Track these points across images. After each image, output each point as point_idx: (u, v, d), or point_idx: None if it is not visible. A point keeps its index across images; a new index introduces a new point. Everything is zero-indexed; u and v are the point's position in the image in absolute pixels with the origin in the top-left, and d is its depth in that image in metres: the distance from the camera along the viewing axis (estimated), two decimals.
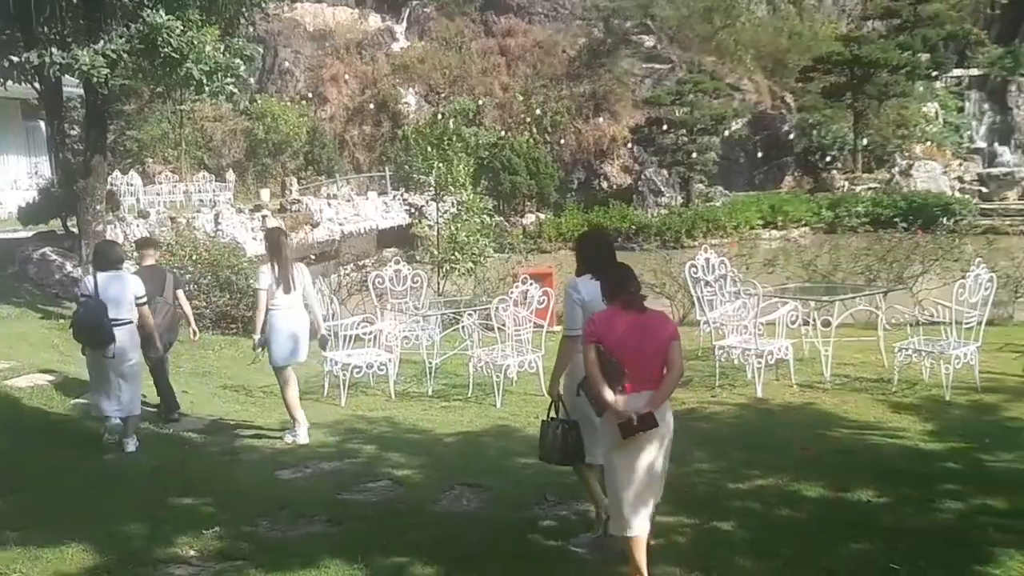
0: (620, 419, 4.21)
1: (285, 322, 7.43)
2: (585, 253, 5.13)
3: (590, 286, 4.88)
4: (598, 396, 4.29)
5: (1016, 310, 12.06)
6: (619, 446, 4.28)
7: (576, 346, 4.79)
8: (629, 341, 4.31)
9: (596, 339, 4.31)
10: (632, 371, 4.26)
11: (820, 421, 7.62)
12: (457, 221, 12.73)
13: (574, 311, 4.95)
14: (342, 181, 33.38)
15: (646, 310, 4.48)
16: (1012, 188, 34.54)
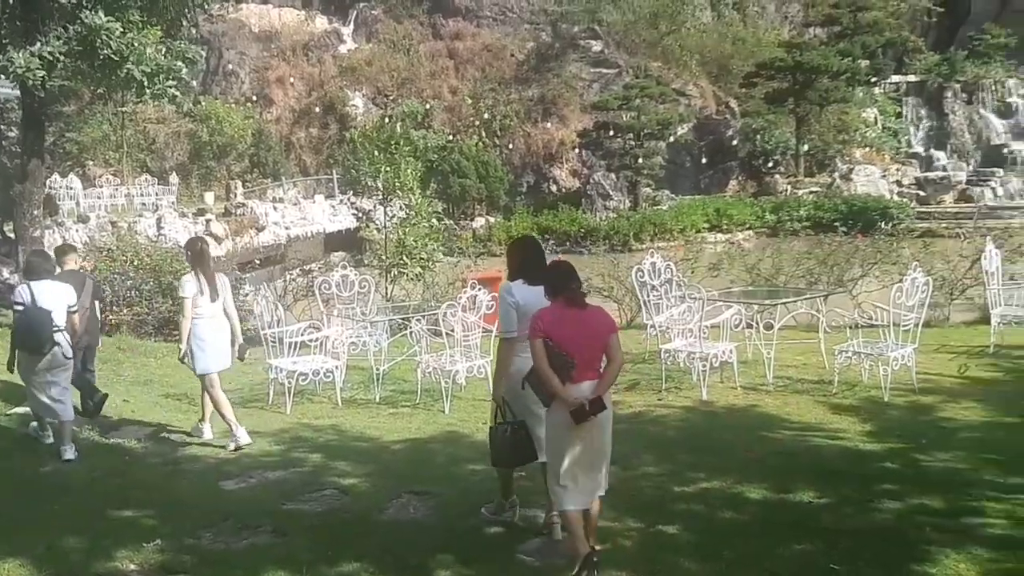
0: (572, 406, 4.54)
1: (210, 330, 7.58)
2: (517, 259, 5.34)
3: (524, 290, 5.14)
4: (548, 386, 4.61)
5: (952, 312, 12.38)
6: (568, 431, 4.61)
7: (514, 348, 5.11)
8: (574, 335, 4.64)
9: (544, 334, 4.61)
10: (578, 362, 4.61)
11: (763, 423, 7.74)
12: (405, 225, 12.68)
13: (509, 314, 5.17)
14: (288, 184, 33.03)
15: (587, 306, 4.82)
16: (948, 192, 35.53)
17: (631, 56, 38.76)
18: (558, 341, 4.60)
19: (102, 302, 9.80)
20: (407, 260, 12.41)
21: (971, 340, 10.71)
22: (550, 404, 4.68)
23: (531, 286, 5.11)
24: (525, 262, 5.29)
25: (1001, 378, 9.00)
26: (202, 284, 7.52)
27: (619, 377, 9.58)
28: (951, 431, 7.23)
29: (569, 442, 4.65)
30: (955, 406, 7.94)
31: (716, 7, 41.76)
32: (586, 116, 36.39)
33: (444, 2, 41.73)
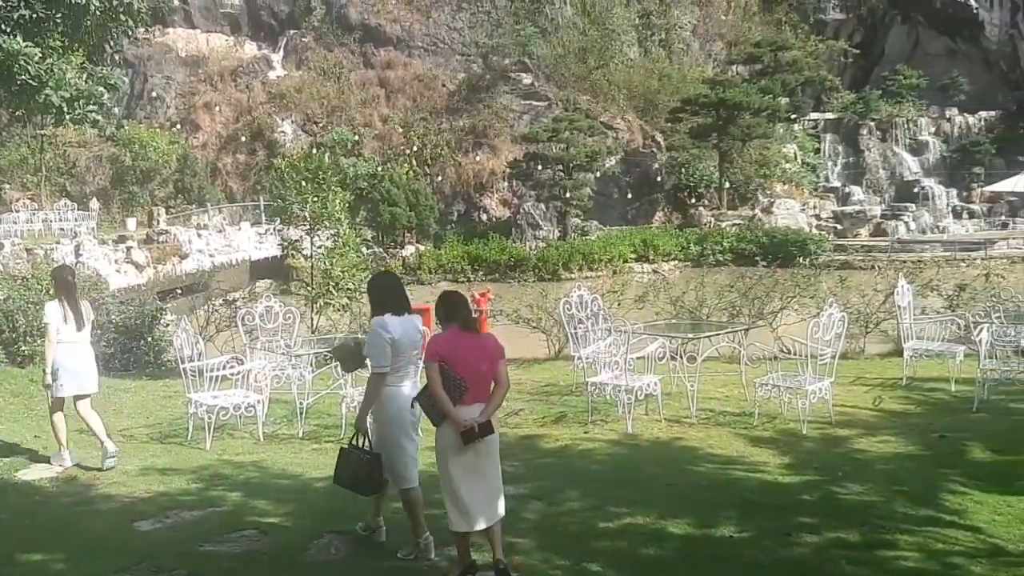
0: (462, 428, 4.84)
1: (72, 357, 7.90)
2: (382, 295, 5.56)
3: (397, 324, 5.40)
4: (441, 408, 4.88)
5: (867, 344, 12.79)
6: (458, 452, 4.90)
7: (384, 381, 5.38)
8: (468, 359, 4.95)
9: (439, 359, 4.91)
10: (470, 386, 4.91)
11: (686, 456, 7.85)
12: (332, 256, 12.55)
13: (384, 349, 5.36)
14: (214, 210, 32.44)
15: (479, 332, 5.20)
16: (864, 225, 36.82)
17: (560, 89, 39.32)
18: (452, 365, 4.88)
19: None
20: (334, 291, 12.28)
21: (885, 372, 11.08)
22: (440, 424, 4.93)
23: (400, 319, 5.41)
24: (389, 296, 5.52)
25: (913, 410, 9.32)
26: (67, 312, 7.83)
27: (547, 410, 9.74)
28: (865, 463, 7.44)
29: (458, 463, 4.93)
30: (870, 438, 8.18)
31: (643, 44, 42.72)
32: (516, 147, 36.71)
33: (375, 32, 41.77)
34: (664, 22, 43.50)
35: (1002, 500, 6.27)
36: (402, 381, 5.45)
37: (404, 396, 5.42)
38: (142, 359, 13.33)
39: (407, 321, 5.46)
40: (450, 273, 30.51)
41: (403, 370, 5.46)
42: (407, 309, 5.54)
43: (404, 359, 5.44)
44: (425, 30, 41.84)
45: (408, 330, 5.43)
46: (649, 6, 43.47)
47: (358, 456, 5.42)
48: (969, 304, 12.20)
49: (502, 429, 8.95)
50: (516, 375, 11.97)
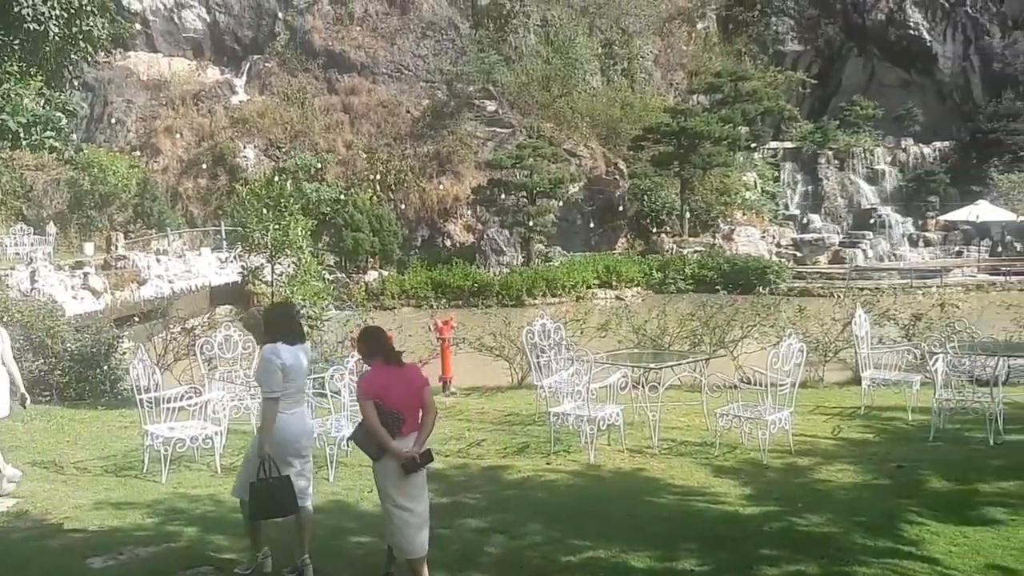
0: (404, 459, 5.05)
1: None
2: (277, 323, 5.80)
3: (288, 352, 5.62)
4: (382, 443, 5.06)
5: (826, 372, 12.94)
6: (400, 483, 5.11)
7: (276, 407, 5.56)
8: (400, 392, 5.16)
9: (374, 395, 5.10)
10: (406, 418, 5.12)
11: (648, 487, 7.86)
12: (294, 283, 12.45)
13: (276, 375, 5.56)
14: (174, 235, 32.06)
15: (403, 364, 5.36)
16: (823, 253, 37.41)
17: (524, 116, 39.58)
18: (386, 400, 5.07)
19: None
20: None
21: (844, 401, 11.21)
22: (379, 458, 5.13)
23: (292, 347, 5.65)
24: (284, 325, 5.75)
25: (871, 439, 9.43)
26: None
27: (509, 440, 9.70)
28: (825, 493, 7.50)
29: (401, 493, 5.14)
30: (829, 468, 8.25)
31: (606, 72, 43.20)
32: (480, 173, 36.82)
33: (339, 58, 41.79)
34: (626, 52, 44.06)
35: (958, 531, 6.35)
36: (293, 407, 5.70)
37: (293, 422, 5.67)
38: (98, 388, 13.09)
39: (299, 349, 5.74)
40: (413, 299, 30.40)
41: (294, 396, 5.70)
42: (300, 339, 5.84)
43: (294, 386, 5.69)
44: (389, 57, 41.95)
45: (299, 358, 5.71)
46: (611, 36, 44.03)
47: (268, 483, 5.54)
48: (924, 334, 12.40)
49: (465, 461, 8.95)
50: (479, 404, 11.95)
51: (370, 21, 43.03)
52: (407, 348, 13.30)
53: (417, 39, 42.57)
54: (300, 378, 5.75)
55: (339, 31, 42.67)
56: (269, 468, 5.52)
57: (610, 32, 44.06)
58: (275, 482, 5.51)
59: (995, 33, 44.00)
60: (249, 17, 43.53)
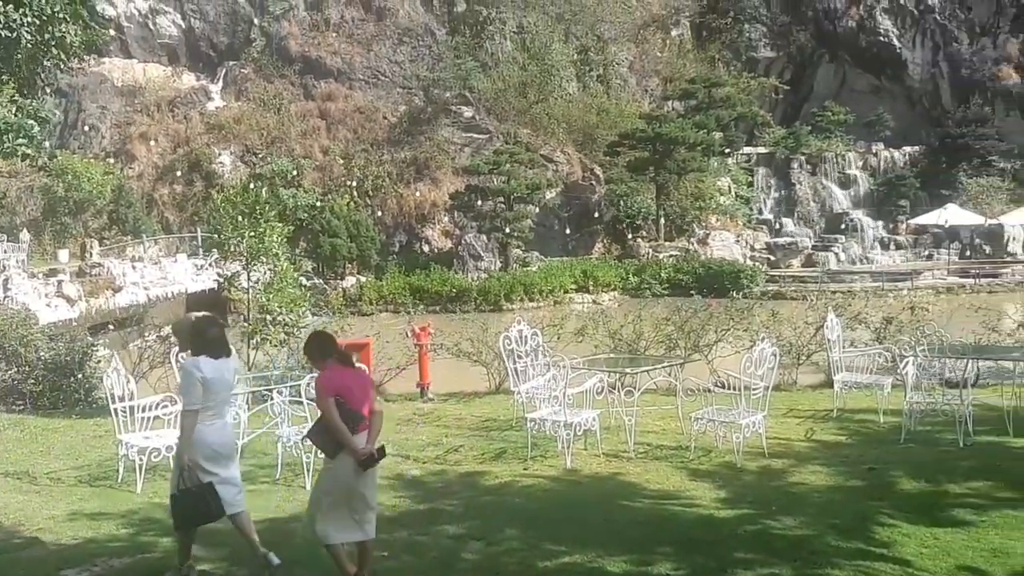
0: (363, 455, 5.29)
1: None
2: (201, 337, 5.90)
3: (210, 364, 5.74)
4: (342, 440, 5.25)
5: (799, 375, 13.08)
6: (355, 477, 5.32)
7: (195, 419, 5.69)
8: (357, 392, 5.40)
9: (335, 393, 5.28)
10: (363, 416, 5.35)
11: (625, 491, 7.91)
12: (270, 291, 12.42)
13: (196, 388, 5.68)
14: (149, 242, 31.82)
15: (353, 365, 5.69)
16: (796, 256, 37.76)
17: (501, 122, 39.69)
18: (348, 398, 5.29)
19: None
20: (271, 326, 12.14)
21: (817, 404, 11.34)
22: (336, 455, 5.31)
23: (216, 360, 5.75)
24: (209, 340, 5.85)
25: (844, 441, 9.54)
26: None
27: (487, 446, 9.74)
28: (798, 496, 7.59)
29: (354, 486, 5.35)
30: (802, 470, 8.35)
31: (582, 79, 43.40)
32: (458, 179, 36.88)
33: (316, 64, 41.70)
34: (602, 58, 44.28)
35: (929, 532, 6.45)
36: (213, 419, 5.79)
37: (209, 433, 5.76)
38: (72, 397, 12.97)
39: (223, 364, 5.84)
40: (391, 304, 30.36)
41: (214, 409, 5.80)
42: (225, 353, 5.91)
43: (217, 399, 5.79)
44: (366, 63, 41.92)
45: (222, 372, 5.81)
46: (587, 42, 44.24)
47: (190, 492, 5.69)
48: (895, 337, 12.57)
49: (442, 467, 8.98)
50: (457, 410, 11.98)
51: (346, 27, 43.00)
52: (385, 354, 13.45)
53: (394, 45, 42.58)
54: (223, 391, 5.87)
55: (315, 37, 42.61)
56: (188, 478, 5.68)
57: (586, 39, 44.28)
58: (197, 491, 5.66)
59: (963, 40, 44.65)
60: (224, 23, 43.35)
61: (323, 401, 5.31)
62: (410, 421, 11.15)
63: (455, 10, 44.01)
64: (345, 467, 5.32)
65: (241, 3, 43.29)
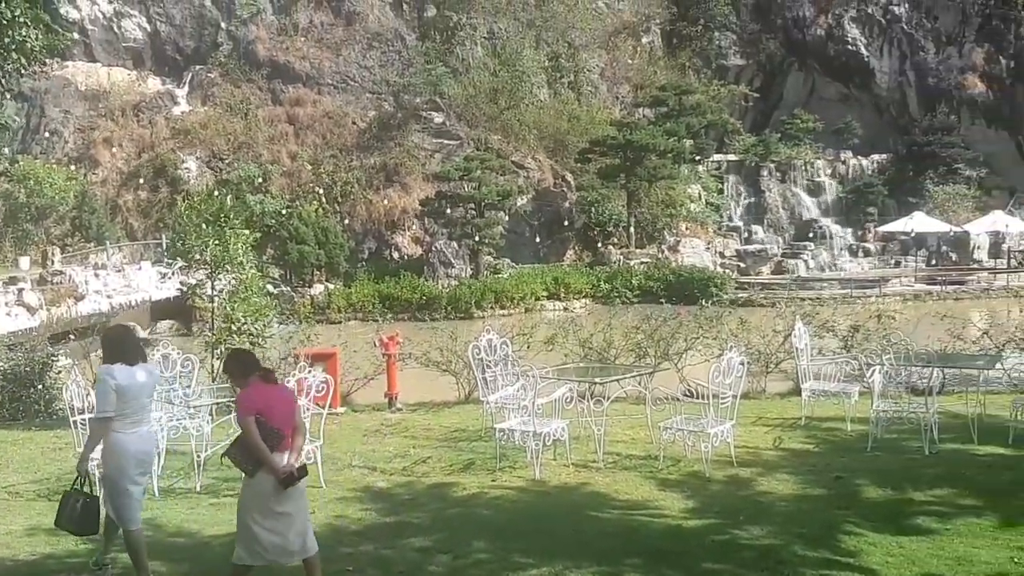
0: (283, 474, 5.22)
1: None
2: (115, 346, 5.99)
3: (124, 372, 5.83)
4: (262, 459, 5.20)
5: (768, 383, 13.12)
6: (274, 497, 5.25)
7: (108, 426, 5.77)
8: (279, 409, 5.36)
9: (256, 411, 5.24)
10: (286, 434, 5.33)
11: (593, 502, 7.87)
12: (234, 300, 12.24)
13: (109, 395, 5.77)
14: (113, 249, 31.36)
15: (278, 382, 5.68)
16: (766, 263, 38.06)
17: (472, 128, 39.63)
18: (268, 416, 5.25)
19: None
20: (235, 336, 11.96)
21: (785, 412, 11.37)
22: (255, 473, 5.25)
23: (130, 367, 5.86)
24: (122, 347, 5.95)
25: (811, 450, 9.57)
26: None
27: (455, 457, 9.66)
28: (766, 505, 7.59)
29: (275, 506, 5.27)
30: (770, 479, 8.36)
31: (552, 85, 43.47)
32: (428, 185, 36.76)
33: (284, 68, 41.40)
34: (572, 65, 44.39)
35: (894, 541, 6.47)
36: (129, 428, 5.86)
37: (131, 442, 5.85)
38: (31, 408, 12.72)
39: (139, 370, 5.93)
40: (360, 312, 30.11)
41: (131, 417, 5.87)
42: (140, 359, 6.02)
43: (132, 406, 5.87)
44: (335, 68, 41.69)
45: (138, 379, 5.90)
46: (558, 49, 44.34)
47: (75, 499, 5.80)
48: (862, 345, 12.66)
49: (410, 479, 8.88)
50: (425, 420, 11.88)
51: (315, 32, 42.75)
52: (352, 364, 13.32)
53: (363, 50, 42.39)
54: (139, 398, 5.92)
55: (283, 42, 42.31)
56: (82, 484, 5.84)
57: (556, 45, 44.38)
58: (87, 500, 5.82)
59: (930, 49, 45.30)
60: (191, 27, 42.92)
61: (242, 419, 5.28)
62: (377, 432, 11.04)
63: (425, 15, 43.92)
64: (264, 486, 5.27)
65: (208, 7, 42.88)
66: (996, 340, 13.18)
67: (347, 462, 9.42)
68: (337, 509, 7.85)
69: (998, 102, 43.84)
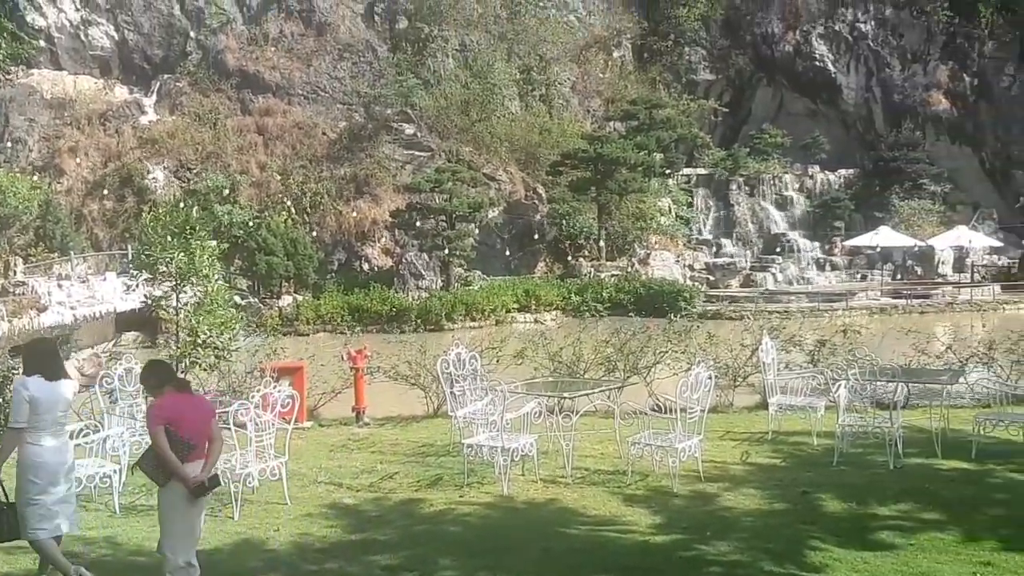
0: (194, 484, 5.33)
1: None
2: (35, 359, 6.12)
3: (38, 384, 5.93)
4: (171, 469, 5.31)
5: (736, 396, 13.17)
6: (187, 506, 5.40)
7: (20, 437, 5.89)
8: (192, 420, 5.45)
9: (165, 422, 5.33)
10: (196, 445, 5.41)
11: (561, 518, 7.83)
12: (199, 313, 12.07)
13: (22, 407, 5.88)
14: (78, 259, 30.89)
15: (192, 392, 5.83)
16: (735, 276, 38.34)
17: (443, 140, 39.59)
18: (178, 427, 5.33)
19: None
20: (200, 349, 11.79)
21: (752, 426, 11.42)
22: (166, 484, 5.38)
23: (49, 381, 5.96)
24: (43, 360, 6.07)
25: (778, 464, 9.62)
26: None
27: (423, 472, 9.58)
28: (733, 520, 7.60)
29: (188, 516, 5.43)
30: (737, 494, 8.37)
31: (524, 98, 43.57)
32: (399, 196, 36.62)
33: (253, 78, 41.12)
34: (544, 78, 44.54)
35: (859, 556, 6.50)
36: (42, 439, 5.95)
37: (41, 453, 5.94)
38: None
39: (56, 385, 6.02)
40: (329, 324, 29.87)
41: (44, 429, 5.97)
42: (58, 375, 6.11)
43: (45, 419, 5.96)
44: (305, 78, 41.50)
45: (54, 392, 5.99)
46: (529, 62, 44.48)
47: None
48: (828, 359, 12.76)
49: (377, 495, 8.79)
50: (393, 435, 11.77)
51: (285, 42, 42.54)
52: (320, 377, 13.19)
53: (334, 61, 42.25)
54: (52, 412, 6.00)
55: (253, 51, 42.05)
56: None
57: (528, 58, 44.52)
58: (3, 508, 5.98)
59: (895, 66, 46.01)
60: (160, 35, 42.51)
61: (152, 429, 5.39)
62: (344, 447, 10.92)
63: (397, 27, 43.89)
64: (173, 495, 5.40)
65: (177, 15, 42.53)
66: (960, 355, 13.35)
67: (313, 478, 9.31)
68: (302, 526, 7.74)
69: (962, 119, 44.62)
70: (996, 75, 44.62)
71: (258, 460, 8.25)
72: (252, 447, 8.19)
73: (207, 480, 5.43)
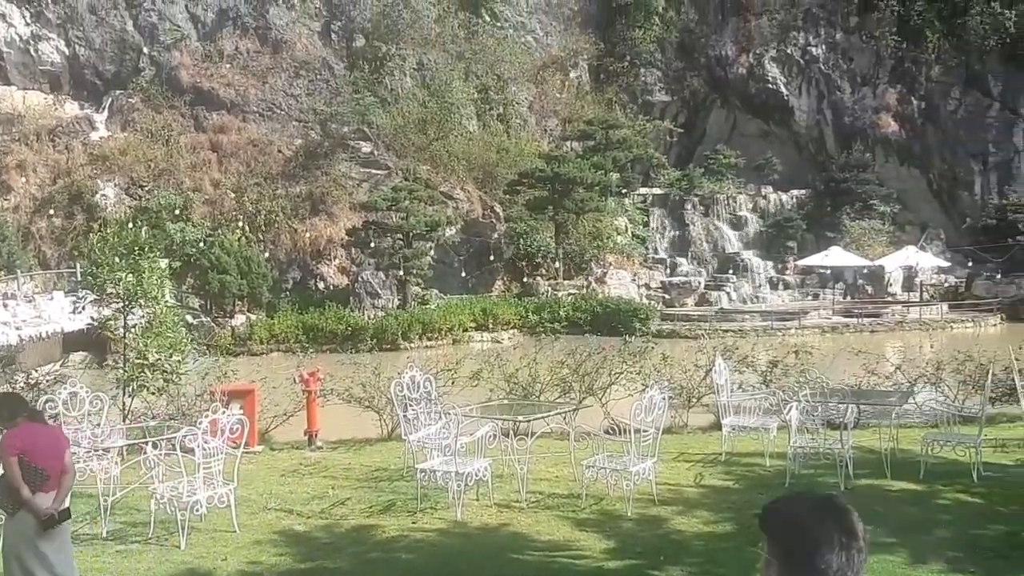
0: (44, 515, 5.32)
1: None
2: None
3: None
4: (23, 499, 5.28)
5: (690, 417, 13.23)
6: (36, 539, 5.34)
7: None
8: (46, 451, 5.45)
9: (19, 452, 5.35)
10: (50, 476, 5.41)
11: (514, 544, 7.77)
12: (148, 335, 11.82)
13: None
14: (24, 278, 30.17)
15: (46, 423, 5.89)
16: (690, 295, 38.68)
17: (400, 158, 39.48)
18: (32, 457, 5.35)
19: None
20: (149, 372, 11.54)
21: (707, 447, 11.47)
22: (15, 514, 5.36)
23: None
24: None
25: (732, 486, 9.66)
26: None
27: (375, 498, 9.45)
28: (686, 544, 7.60)
29: (36, 548, 5.34)
30: (690, 517, 8.39)
31: (482, 117, 43.69)
32: (355, 214, 36.37)
33: (208, 95, 40.67)
34: (502, 97, 44.74)
35: None
36: None
37: None
38: None
39: None
40: (284, 343, 29.50)
41: None
42: None
43: None
44: (261, 95, 41.15)
45: None
46: (487, 81, 44.64)
47: None
48: (780, 380, 12.89)
49: (328, 521, 8.65)
50: (346, 459, 11.62)
51: (240, 59, 42.18)
52: (272, 400, 12.99)
53: (290, 78, 41.97)
54: None
55: (208, 68, 41.61)
56: None
57: (486, 78, 44.68)
58: None
59: (846, 89, 46.99)
60: (112, 51, 41.89)
61: (4, 459, 5.37)
62: (296, 472, 10.75)
63: (354, 45, 43.77)
64: (24, 526, 5.35)
65: (130, 31, 41.98)
66: (908, 375, 13.57)
67: (263, 504, 9.14)
68: (251, 555, 7.59)
69: (909, 141, 45.67)
70: (943, 99, 45.78)
71: (206, 487, 8.07)
72: (200, 473, 8.01)
73: (57, 512, 5.41)
